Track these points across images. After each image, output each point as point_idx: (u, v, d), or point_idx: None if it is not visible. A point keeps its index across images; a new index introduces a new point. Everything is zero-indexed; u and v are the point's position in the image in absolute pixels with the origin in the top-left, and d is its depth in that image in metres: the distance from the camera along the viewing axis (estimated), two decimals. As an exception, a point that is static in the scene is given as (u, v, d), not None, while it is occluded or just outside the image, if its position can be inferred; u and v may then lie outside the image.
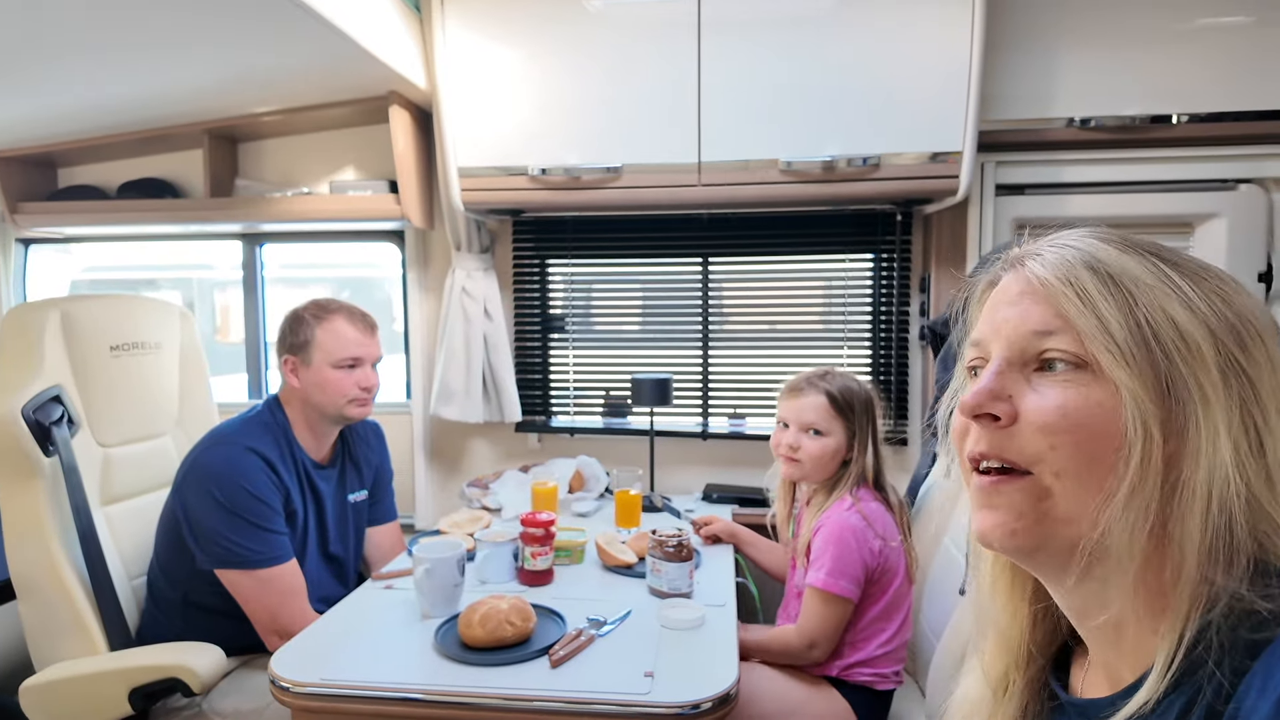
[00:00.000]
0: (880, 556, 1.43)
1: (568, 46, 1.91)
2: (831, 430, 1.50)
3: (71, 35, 1.55)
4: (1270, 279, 1.98)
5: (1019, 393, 0.50)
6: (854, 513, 1.44)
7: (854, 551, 1.40)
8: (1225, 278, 0.50)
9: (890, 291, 2.22)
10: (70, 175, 2.46)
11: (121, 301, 1.76)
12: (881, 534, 1.43)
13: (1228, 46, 1.91)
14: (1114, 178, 2.01)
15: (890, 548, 1.43)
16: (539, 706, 1.11)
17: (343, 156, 2.34)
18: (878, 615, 1.45)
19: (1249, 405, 0.46)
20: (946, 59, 1.80)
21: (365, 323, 1.66)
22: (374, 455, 1.83)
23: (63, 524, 1.52)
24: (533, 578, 1.54)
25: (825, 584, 1.40)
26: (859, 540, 1.41)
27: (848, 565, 1.40)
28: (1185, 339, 0.46)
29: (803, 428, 1.51)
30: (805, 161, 1.87)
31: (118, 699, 1.40)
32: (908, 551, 1.47)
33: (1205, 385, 0.46)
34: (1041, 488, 0.48)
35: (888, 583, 1.45)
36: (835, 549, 1.41)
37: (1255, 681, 0.41)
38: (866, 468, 1.50)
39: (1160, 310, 0.47)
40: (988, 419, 0.50)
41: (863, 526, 1.42)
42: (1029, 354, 0.50)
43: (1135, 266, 0.48)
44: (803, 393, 1.53)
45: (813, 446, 1.50)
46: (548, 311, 2.40)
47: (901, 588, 1.46)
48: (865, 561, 1.41)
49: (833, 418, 1.50)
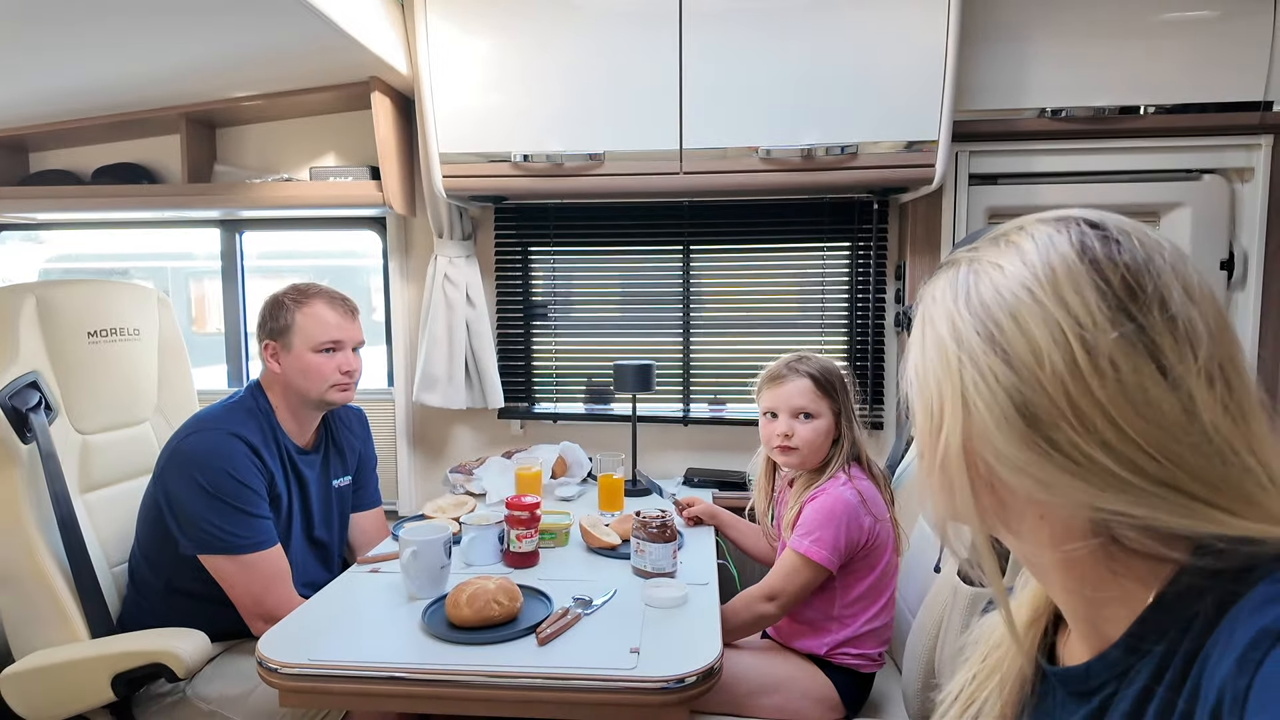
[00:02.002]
0: (870, 533, 1.45)
1: (550, 33, 1.91)
2: (821, 411, 1.52)
3: (44, 14, 1.52)
4: (1232, 266, 2.04)
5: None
6: (850, 489, 1.45)
7: (842, 525, 1.42)
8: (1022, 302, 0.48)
9: (866, 279, 2.26)
10: (42, 160, 2.41)
11: (99, 287, 1.74)
12: (874, 512, 1.45)
13: (1194, 40, 1.96)
14: (1084, 168, 2.06)
15: (881, 525, 1.46)
16: (526, 683, 1.13)
17: (323, 142, 2.32)
18: (865, 591, 1.48)
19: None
20: (923, 49, 1.83)
21: (345, 306, 1.65)
22: (357, 441, 1.83)
23: (41, 511, 1.51)
24: (518, 560, 1.56)
25: (805, 549, 1.42)
26: (850, 515, 1.43)
27: (834, 537, 1.42)
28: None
29: (793, 413, 1.52)
30: (784, 149, 1.90)
31: (100, 685, 1.39)
32: (896, 528, 1.50)
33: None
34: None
35: (877, 558, 1.47)
36: (823, 517, 1.43)
37: (1220, 638, 0.42)
38: (857, 443, 1.52)
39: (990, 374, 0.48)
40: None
41: (857, 504, 1.44)
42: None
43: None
44: (785, 379, 1.54)
45: (806, 430, 1.51)
46: (530, 298, 2.40)
47: (890, 564, 1.48)
48: (851, 537, 1.43)
49: (820, 398, 1.51)
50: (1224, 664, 0.40)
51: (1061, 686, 0.55)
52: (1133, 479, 0.44)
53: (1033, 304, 0.47)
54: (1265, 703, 0.37)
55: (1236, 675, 0.39)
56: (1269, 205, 2.00)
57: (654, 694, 1.11)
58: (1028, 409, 0.46)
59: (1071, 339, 0.45)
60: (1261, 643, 0.39)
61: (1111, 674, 0.49)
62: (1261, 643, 0.39)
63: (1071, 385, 0.45)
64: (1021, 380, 0.47)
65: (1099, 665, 0.51)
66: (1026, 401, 0.46)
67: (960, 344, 0.50)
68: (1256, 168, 2.00)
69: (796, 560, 1.43)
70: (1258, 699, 0.38)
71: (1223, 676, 0.40)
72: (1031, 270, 0.48)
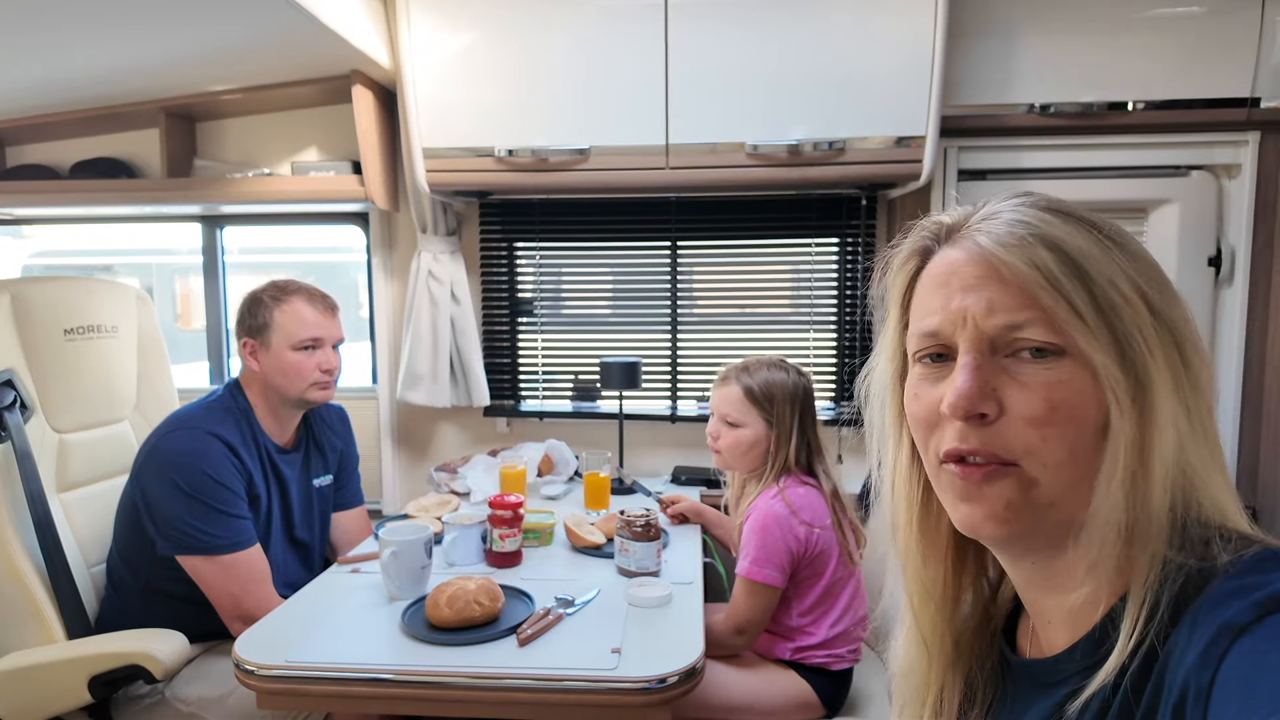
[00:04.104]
0: (807, 543, 1.44)
1: (535, 26, 1.89)
2: (746, 422, 1.52)
3: (19, 5, 1.49)
4: (1219, 263, 2.04)
5: (1000, 384, 0.49)
6: (778, 501, 1.45)
7: (777, 540, 1.42)
8: (1131, 235, 0.51)
9: (855, 275, 2.25)
10: (19, 154, 2.38)
11: (76, 284, 1.71)
12: (808, 520, 1.44)
13: (1182, 36, 1.96)
14: (1072, 164, 2.06)
15: (818, 533, 1.45)
16: (507, 684, 1.12)
17: (304, 137, 2.29)
18: (819, 599, 1.47)
19: (1182, 369, 0.48)
20: (911, 44, 1.82)
21: (325, 303, 1.63)
22: (338, 440, 1.81)
23: (16, 511, 1.48)
24: (501, 559, 1.55)
25: (749, 572, 1.43)
26: (782, 528, 1.43)
27: (772, 553, 1.42)
28: (1132, 306, 0.47)
29: (720, 418, 1.55)
30: (772, 145, 1.88)
31: (77, 688, 1.37)
32: (842, 534, 1.48)
33: (1158, 355, 0.47)
34: (1028, 478, 0.48)
35: (821, 566, 1.47)
36: (759, 537, 1.43)
37: (1183, 631, 0.43)
38: (791, 458, 1.51)
39: (1110, 282, 0.47)
40: (975, 417, 0.49)
41: (786, 514, 1.44)
42: (1001, 343, 0.49)
43: (1082, 240, 0.49)
44: (725, 383, 1.56)
45: (728, 437, 1.54)
46: (516, 295, 2.38)
47: (839, 570, 1.48)
48: (790, 549, 1.43)
49: (748, 409, 1.52)
50: (1187, 659, 0.41)
51: (1026, 678, 0.56)
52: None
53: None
54: (1228, 697, 0.37)
55: (1199, 670, 0.39)
56: (1256, 201, 2.00)
57: (635, 694, 1.10)
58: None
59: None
60: (1223, 637, 0.39)
61: (1078, 667, 0.50)
62: (1223, 637, 0.39)
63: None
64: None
65: (1066, 658, 0.51)
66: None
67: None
68: (1244, 164, 2.00)
69: (747, 585, 1.44)
70: (1221, 693, 0.38)
71: (1186, 671, 0.40)
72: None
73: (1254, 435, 2.05)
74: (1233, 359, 2.05)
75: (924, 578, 0.60)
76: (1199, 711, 0.39)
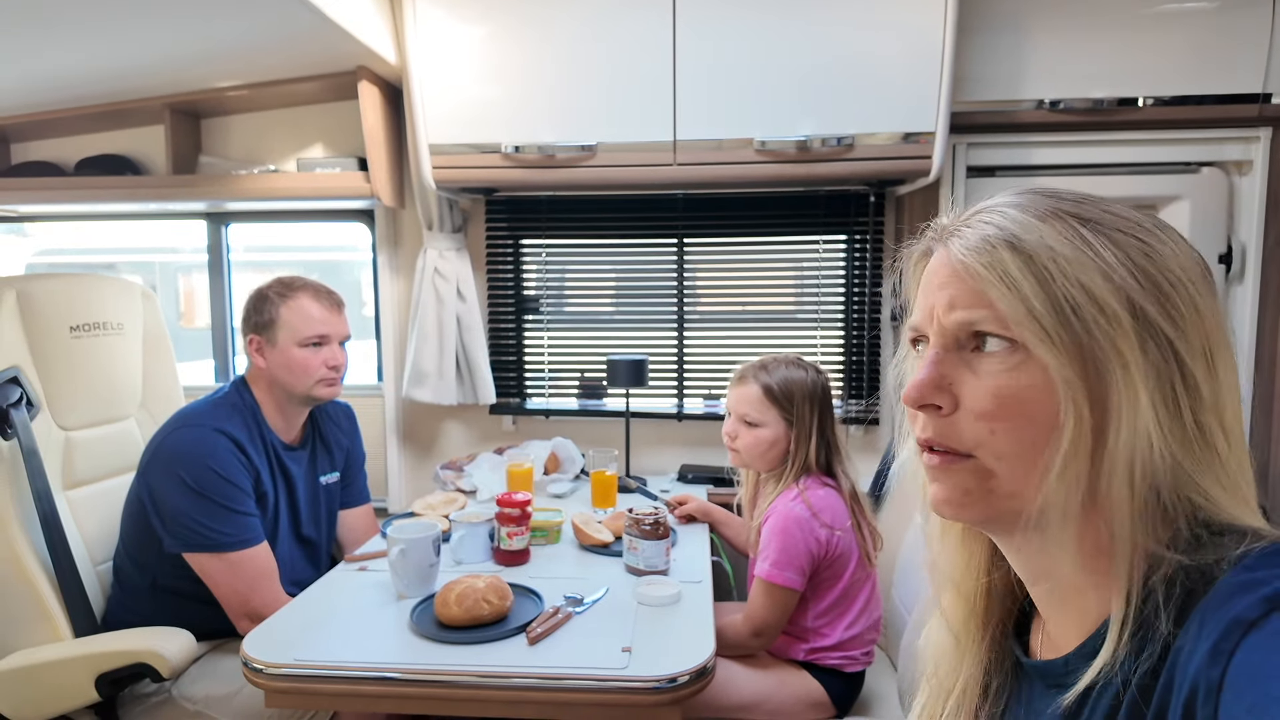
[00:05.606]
0: (828, 545, 1.43)
1: (542, 22, 1.88)
2: (765, 421, 1.51)
3: (23, 2, 1.49)
4: (1230, 260, 2.03)
5: (959, 378, 0.51)
6: (799, 503, 1.44)
7: (798, 542, 1.41)
8: (1147, 226, 0.51)
9: (863, 273, 2.23)
10: (24, 151, 2.37)
11: (81, 281, 1.70)
12: (829, 522, 1.43)
13: (1192, 31, 1.94)
14: (1082, 160, 2.04)
15: (839, 535, 1.43)
16: (516, 683, 1.11)
17: (310, 133, 2.28)
18: (836, 601, 1.46)
19: (1169, 367, 0.47)
20: (920, 39, 1.81)
21: (331, 300, 1.63)
22: (345, 437, 1.81)
23: (23, 509, 1.48)
24: (509, 558, 1.54)
25: (769, 575, 1.41)
26: (803, 531, 1.41)
27: (792, 556, 1.41)
28: (1103, 310, 0.47)
29: (738, 418, 1.53)
30: (780, 141, 1.87)
31: (84, 686, 1.37)
32: (861, 536, 1.47)
33: (1125, 353, 0.47)
34: (984, 469, 0.50)
35: (841, 569, 1.45)
36: (779, 540, 1.42)
37: (1192, 628, 0.43)
38: (810, 457, 1.49)
39: (1078, 284, 0.47)
40: (931, 408, 0.52)
41: (807, 517, 1.42)
42: (962, 338, 0.51)
43: (1054, 238, 0.49)
44: (743, 382, 1.54)
45: (747, 437, 1.52)
46: (522, 292, 2.38)
47: (857, 572, 1.47)
48: (811, 551, 1.41)
49: (767, 408, 1.50)
50: (1196, 655, 0.41)
51: (1039, 679, 0.56)
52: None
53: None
54: (1239, 692, 0.38)
55: (1209, 666, 0.40)
56: (1267, 198, 1.99)
57: (646, 693, 1.10)
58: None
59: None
60: (1233, 633, 0.39)
61: (1089, 666, 0.49)
62: (1233, 633, 0.39)
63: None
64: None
65: (1076, 657, 0.51)
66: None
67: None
68: (1255, 160, 1.99)
69: (767, 587, 1.43)
70: (1231, 689, 0.38)
71: (1196, 667, 0.40)
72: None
73: (1265, 433, 2.04)
74: (1243, 356, 2.03)
75: (945, 564, 0.62)
76: (1210, 708, 0.39)
